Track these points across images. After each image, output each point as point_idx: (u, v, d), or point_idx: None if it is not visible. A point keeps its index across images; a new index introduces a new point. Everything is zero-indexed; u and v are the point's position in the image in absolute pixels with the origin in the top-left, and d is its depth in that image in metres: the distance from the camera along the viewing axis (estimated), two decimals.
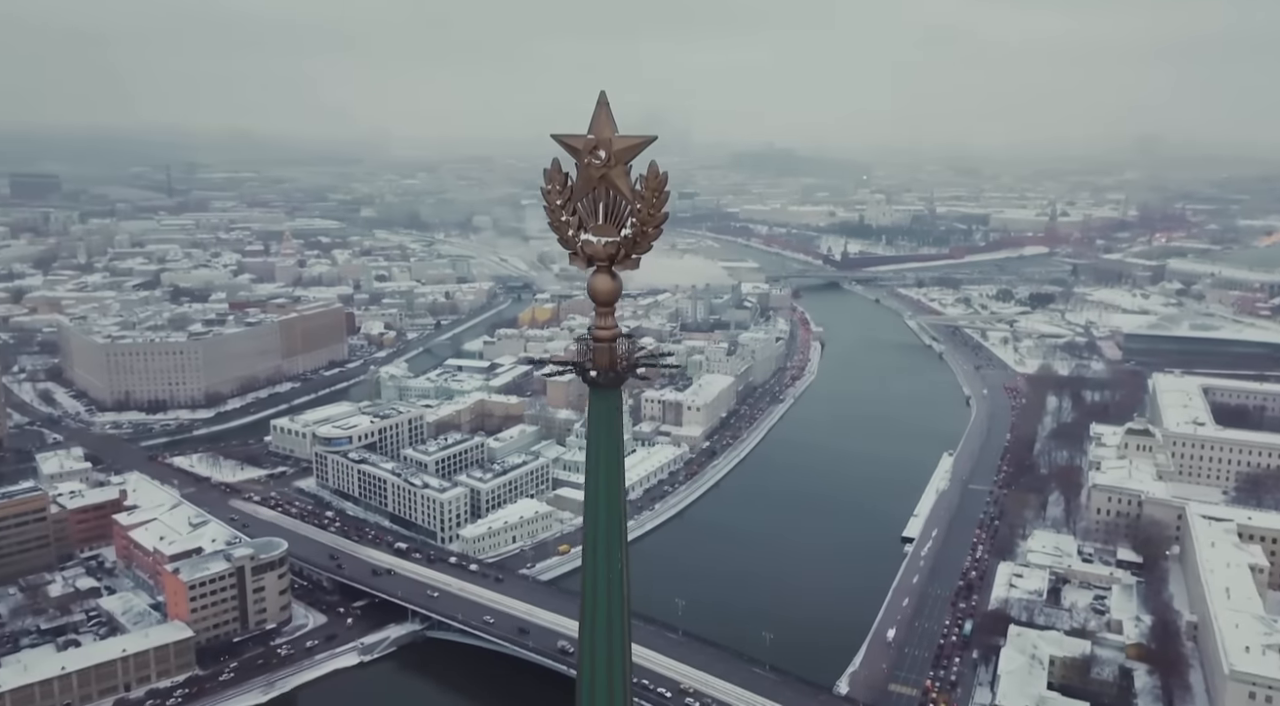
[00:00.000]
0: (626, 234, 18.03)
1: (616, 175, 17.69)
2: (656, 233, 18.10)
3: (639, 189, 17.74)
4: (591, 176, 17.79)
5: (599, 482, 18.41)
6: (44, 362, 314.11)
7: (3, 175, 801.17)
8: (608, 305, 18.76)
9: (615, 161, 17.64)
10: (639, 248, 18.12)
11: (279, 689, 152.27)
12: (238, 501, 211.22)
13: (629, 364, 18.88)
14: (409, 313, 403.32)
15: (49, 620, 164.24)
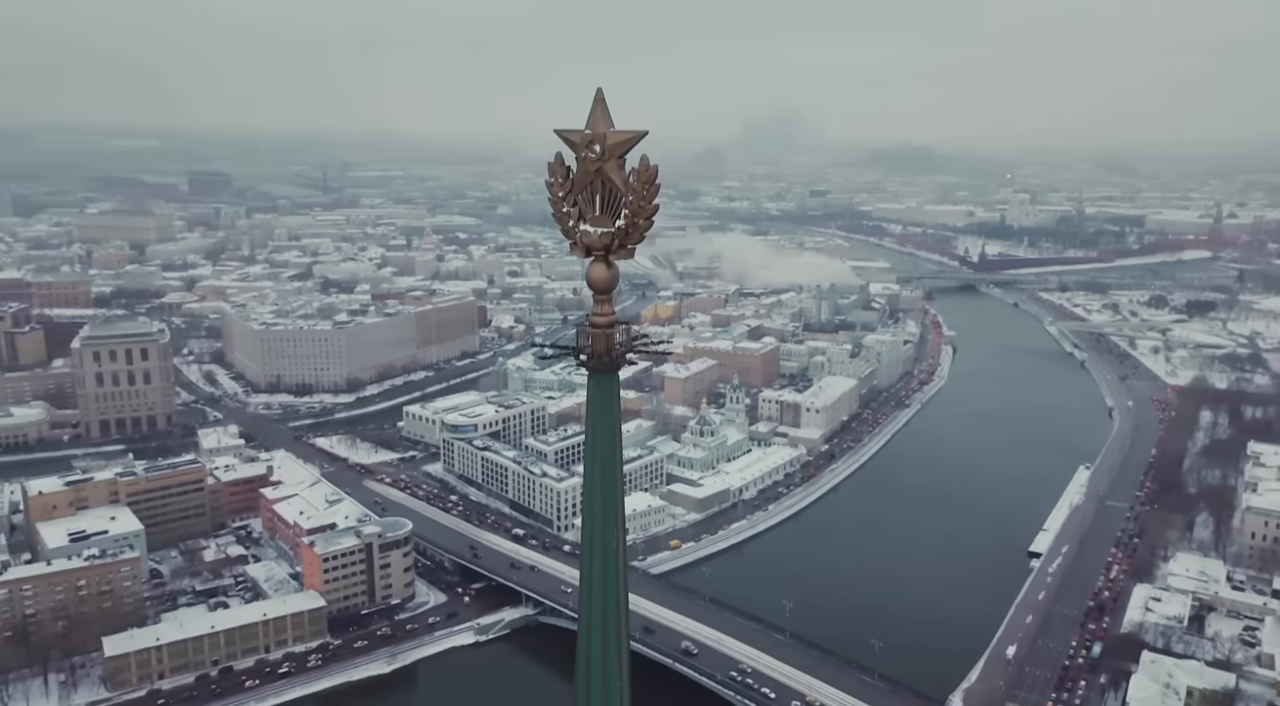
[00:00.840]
0: (620, 225, 19.00)
1: (611, 168, 18.68)
2: (647, 224, 19.01)
3: (632, 182, 18.72)
4: (588, 170, 18.83)
5: (596, 462, 19.49)
6: (209, 346, 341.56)
7: (183, 174, 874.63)
8: (605, 293, 19.81)
9: (609, 156, 18.63)
10: (631, 238, 19.08)
11: (400, 661, 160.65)
12: (371, 482, 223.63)
13: (625, 350, 19.89)
14: (538, 307, 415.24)
15: (203, 582, 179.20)
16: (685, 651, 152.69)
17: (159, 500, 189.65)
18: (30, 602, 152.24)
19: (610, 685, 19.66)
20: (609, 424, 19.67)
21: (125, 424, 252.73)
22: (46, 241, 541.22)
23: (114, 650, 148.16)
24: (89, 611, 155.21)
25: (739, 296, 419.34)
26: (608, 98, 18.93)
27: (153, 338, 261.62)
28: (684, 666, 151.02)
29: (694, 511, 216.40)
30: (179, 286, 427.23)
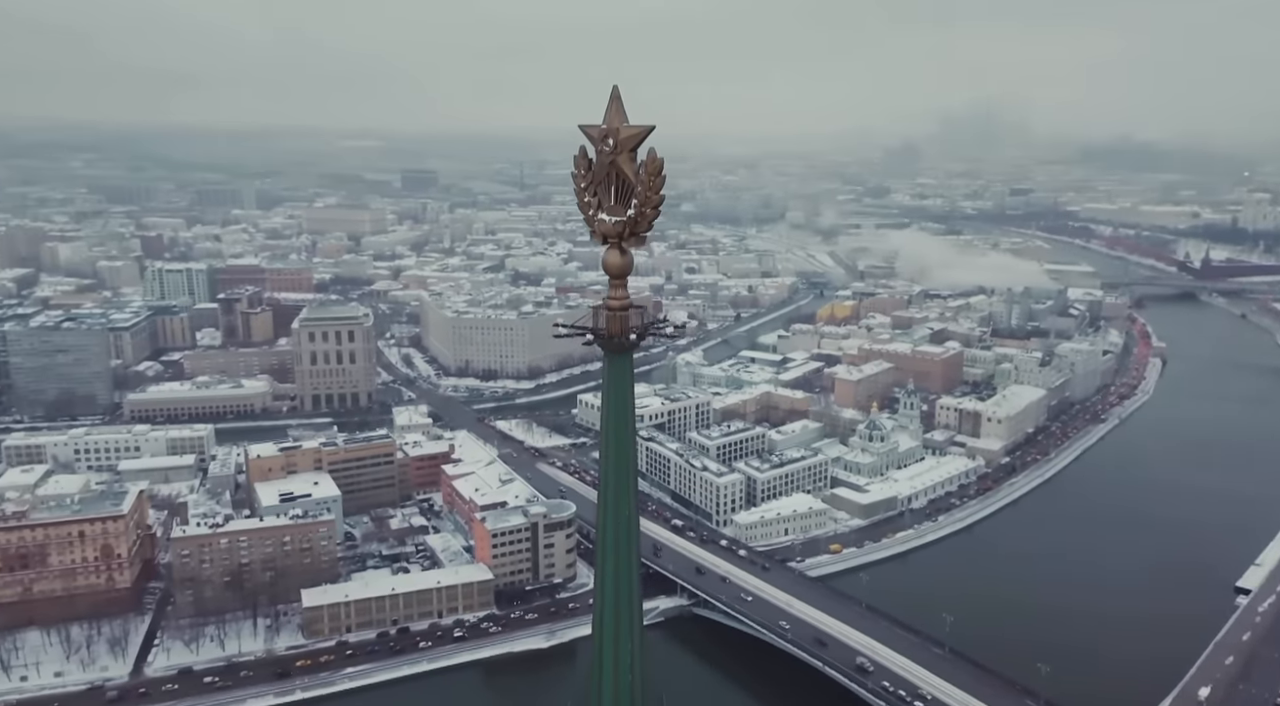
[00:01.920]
0: (630, 214, 20.33)
1: (623, 161, 20.07)
2: (655, 213, 20.30)
3: (641, 174, 20.01)
4: (604, 162, 20.26)
5: (611, 435, 21.22)
6: (409, 331, 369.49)
7: (396, 171, 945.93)
8: (620, 278, 21.21)
9: (621, 149, 20.00)
10: (640, 226, 20.44)
11: (559, 638, 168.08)
12: (543, 465, 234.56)
13: (639, 332, 21.29)
14: (712, 304, 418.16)
15: (389, 548, 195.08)
16: (860, 667, 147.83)
17: (355, 469, 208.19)
18: (245, 553, 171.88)
19: (622, 644, 21.44)
20: (623, 400, 21.36)
21: (333, 399, 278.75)
22: (281, 232, 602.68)
23: (310, 602, 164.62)
24: (292, 565, 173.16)
25: (923, 298, 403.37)
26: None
27: (359, 321, 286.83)
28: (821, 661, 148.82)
29: (858, 517, 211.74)
30: (387, 275, 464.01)
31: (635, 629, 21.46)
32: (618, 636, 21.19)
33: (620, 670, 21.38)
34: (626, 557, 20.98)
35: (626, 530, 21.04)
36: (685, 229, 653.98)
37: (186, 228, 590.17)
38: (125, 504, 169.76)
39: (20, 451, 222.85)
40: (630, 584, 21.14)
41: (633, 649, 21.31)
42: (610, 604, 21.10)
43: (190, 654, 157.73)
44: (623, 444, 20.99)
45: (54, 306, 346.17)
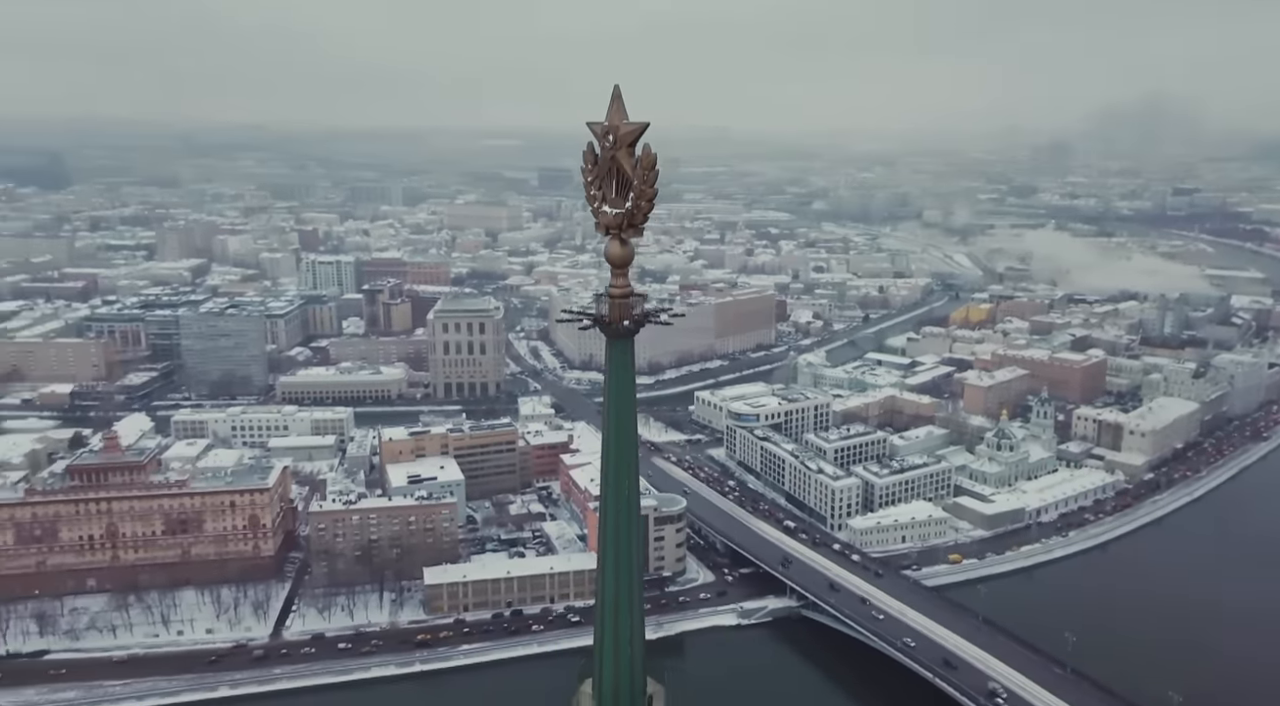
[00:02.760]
0: (628, 206, 21.53)
1: (622, 156, 21.26)
2: (649, 206, 21.40)
3: (637, 168, 21.17)
4: (606, 157, 21.50)
5: (613, 418, 22.62)
6: (537, 325, 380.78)
7: (533, 168, 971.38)
8: (621, 267, 22.38)
9: (620, 145, 21.19)
10: (635, 218, 21.56)
11: (665, 631, 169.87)
12: (658, 459, 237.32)
13: (639, 319, 22.55)
14: (839, 304, 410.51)
15: (507, 532, 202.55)
16: (991, 693, 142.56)
17: (479, 455, 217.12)
18: (375, 529, 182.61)
19: (621, 618, 22.87)
20: (625, 383, 22.79)
21: (464, 387, 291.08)
22: (424, 227, 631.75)
23: (432, 579, 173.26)
24: (416, 544, 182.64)
25: (1066, 303, 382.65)
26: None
27: (490, 314, 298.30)
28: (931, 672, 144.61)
29: (980, 528, 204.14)
30: (520, 270, 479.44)
31: (635, 601, 22.85)
32: (617, 609, 22.62)
33: (620, 643, 22.81)
34: (627, 532, 22.41)
35: (628, 506, 22.48)
36: (815, 227, 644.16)
37: (340, 222, 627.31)
38: (270, 478, 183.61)
39: (186, 426, 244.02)
40: (630, 558, 22.56)
41: (633, 622, 22.70)
42: (611, 578, 22.56)
43: (323, 621, 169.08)
44: (624, 423, 22.45)
45: (221, 294, 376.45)
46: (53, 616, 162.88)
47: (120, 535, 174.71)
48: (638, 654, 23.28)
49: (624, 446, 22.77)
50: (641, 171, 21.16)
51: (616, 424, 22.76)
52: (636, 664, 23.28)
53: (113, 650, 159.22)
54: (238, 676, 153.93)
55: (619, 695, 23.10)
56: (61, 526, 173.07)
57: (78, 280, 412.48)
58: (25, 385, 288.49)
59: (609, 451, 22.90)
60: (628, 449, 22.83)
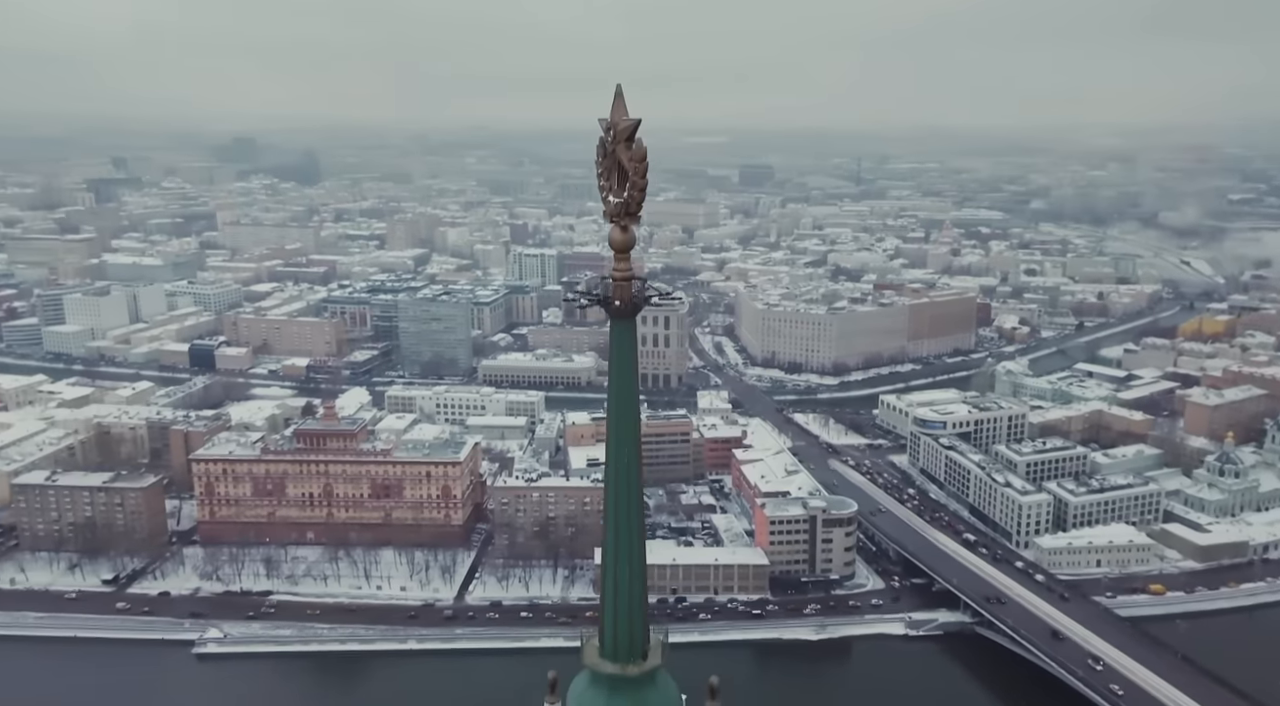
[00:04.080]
0: (625, 196, 23.46)
1: (621, 150, 23.11)
2: (641, 196, 23.18)
3: (631, 161, 22.99)
4: (608, 151, 23.44)
5: (616, 393, 24.77)
6: (723, 321, 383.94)
7: (735, 166, 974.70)
8: (623, 252, 24.27)
9: (618, 139, 23.08)
10: (631, 207, 23.43)
11: (828, 633, 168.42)
12: (835, 462, 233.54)
13: (641, 300, 24.51)
14: (1050, 310, 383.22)
15: (677, 521, 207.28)
16: None
17: (654, 444, 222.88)
18: (552, 507, 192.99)
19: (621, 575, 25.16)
20: (627, 361, 24.95)
21: (647, 378, 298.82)
22: None
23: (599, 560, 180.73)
24: (590, 524, 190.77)
25: None
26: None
27: (675, 308, 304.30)
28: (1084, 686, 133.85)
29: (1192, 558, 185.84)
30: (711, 266, 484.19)
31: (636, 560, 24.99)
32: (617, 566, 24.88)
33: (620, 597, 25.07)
34: (627, 496, 24.59)
35: (628, 471, 24.64)
36: (1031, 227, 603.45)
37: (548, 217, 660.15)
38: (462, 453, 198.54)
39: (398, 401, 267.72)
40: (630, 519, 24.70)
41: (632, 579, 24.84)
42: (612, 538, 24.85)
43: (501, 589, 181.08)
44: (625, 395, 24.60)
45: (438, 282, 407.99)
46: (277, 562, 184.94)
47: (334, 495, 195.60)
48: (637, 607, 25.48)
49: (626, 416, 24.97)
50: (634, 164, 23.08)
51: (618, 396, 24.97)
52: (636, 616, 25.49)
53: (323, 597, 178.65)
54: (424, 632, 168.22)
55: (618, 642, 25.42)
56: (288, 483, 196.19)
57: (320, 266, 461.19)
58: (272, 357, 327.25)
59: (612, 421, 25.15)
60: (629, 419, 25.00)
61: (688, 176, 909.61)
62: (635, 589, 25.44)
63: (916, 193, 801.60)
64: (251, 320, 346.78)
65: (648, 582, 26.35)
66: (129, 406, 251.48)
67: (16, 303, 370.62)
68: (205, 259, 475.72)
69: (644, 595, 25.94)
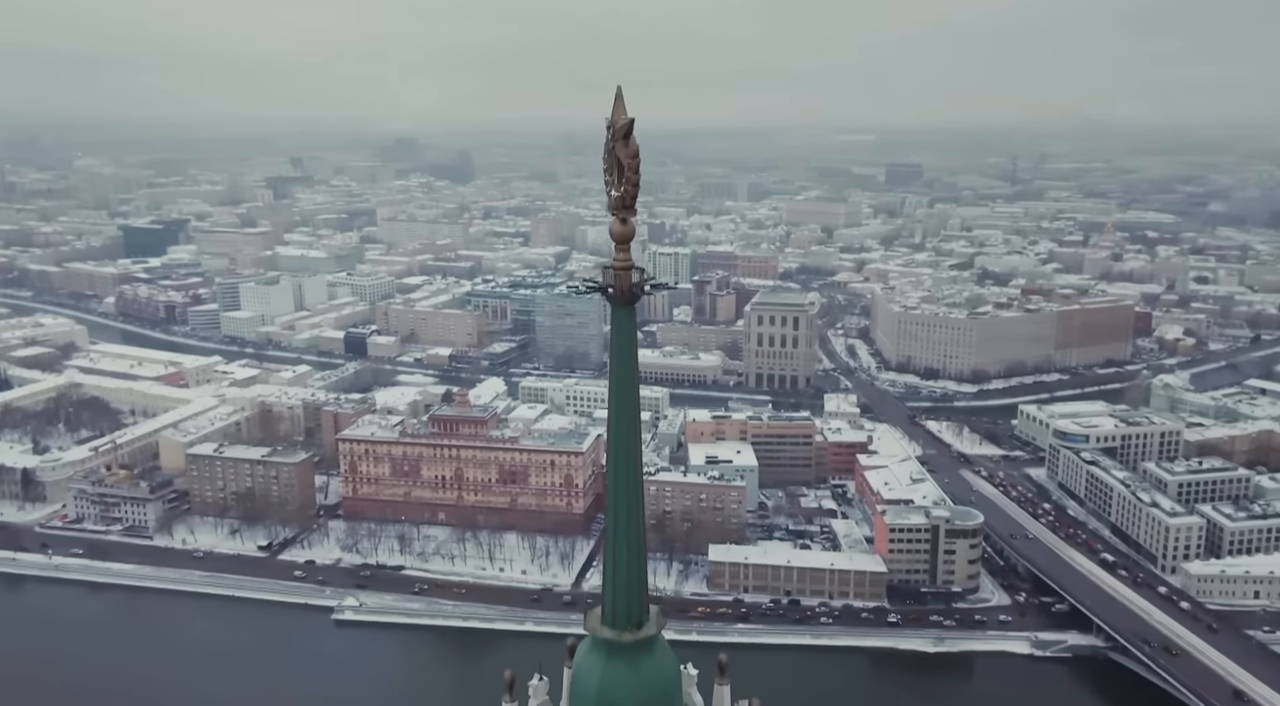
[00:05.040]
0: (623, 190, 24.98)
1: (619, 147, 24.65)
2: (635, 190, 24.61)
3: (625, 157, 24.47)
4: (609, 148, 24.97)
5: (618, 376, 26.34)
6: (858, 323, 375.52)
7: (882, 165, 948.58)
8: (623, 243, 25.70)
9: (616, 137, 24.62)
10: (627, 200, 24.90)
11: (947, 646, 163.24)
12: (966, 471, 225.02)
13: (640, 289, 25.94)
14: (1221, 321, 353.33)
15: (795, 523, 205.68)
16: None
17: (776, 445, 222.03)
18: (669, 502, 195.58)
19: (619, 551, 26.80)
20: (627, 347, 26.50)
21: (774, 379, 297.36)
22: (763, 223, 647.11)
23: (716, 556, 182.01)
24: (705, 520, 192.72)
25: None
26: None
27: (804, 309, 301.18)
28: None
29: None
30: (850, 267, 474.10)
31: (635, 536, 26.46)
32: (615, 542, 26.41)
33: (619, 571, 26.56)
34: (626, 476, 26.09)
35: (628, 454, 26.12)
36: (1207, 232, 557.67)
37: (686, 216, 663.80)
38: (585, 443, 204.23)
39: (531, 392, 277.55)
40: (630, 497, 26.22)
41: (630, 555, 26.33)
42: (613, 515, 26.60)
43: None
44: (626, 380, 26.17)
45: (575, 279, 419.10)
46: (410, 539, 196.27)
47: (465, 478, 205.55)
48: (635, 580, 27.07)
49: (626, 400, 26.54)
50: (629, 160, 24.69)
51: (618, 380, 26.58)
52: (634, 588, 27.10)
53: (450, 574, 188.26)
54: (542, 615, 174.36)
55: (616, 612, 27.09)
56: (423, 465, 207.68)
57: (467, 261, 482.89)
58: (418, 346, 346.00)
59: (613, 404, 26.77)
60: (629, 403, 26.56)
61: (830, 175, 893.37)
62: (634, 563, 27.03)
63: (1078, 193, 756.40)
64: (401, 311, 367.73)
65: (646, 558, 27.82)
66: (289, 387, 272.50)
67: (201, 290, 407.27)
68: (364, 252, 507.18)
69: (643, 569, 27.47)
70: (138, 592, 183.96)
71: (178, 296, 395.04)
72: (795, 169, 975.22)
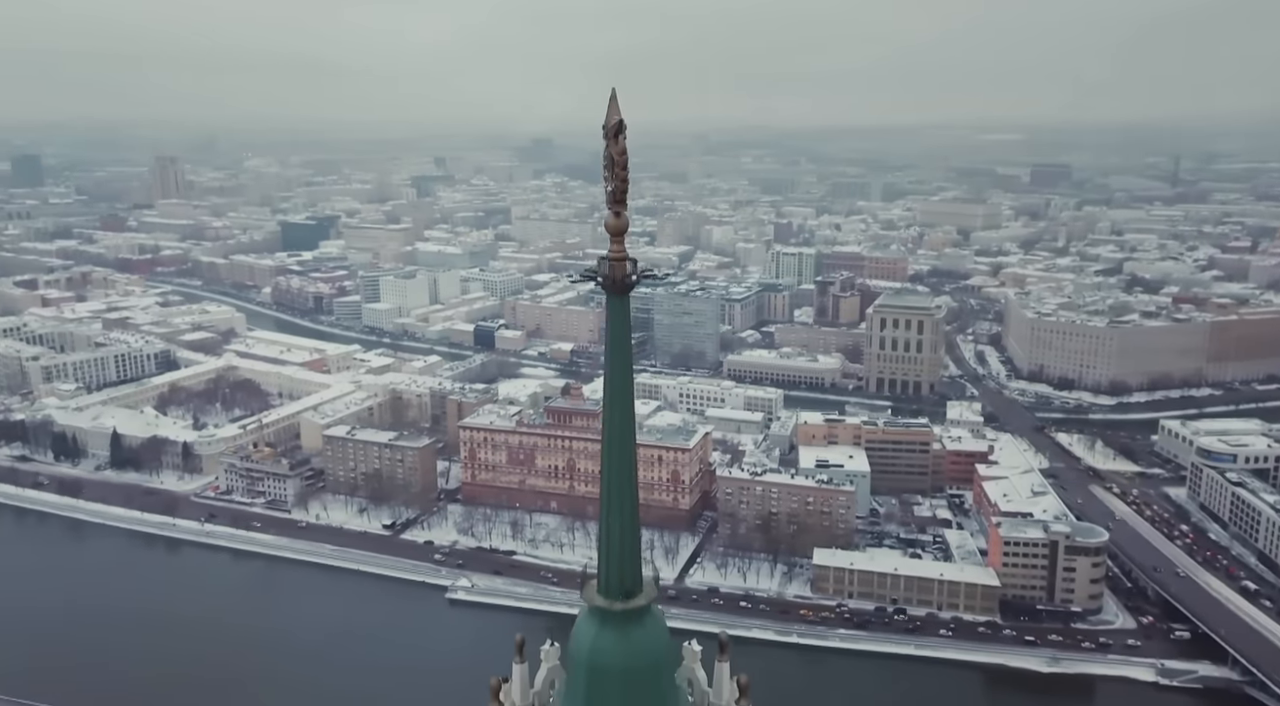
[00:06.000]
0: (616, 185, 26.84)
1: (612, 146, 26.51)
2: (624, 185, 26.35)
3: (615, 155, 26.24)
4: (606, 147, 26.80)
5: (612, 361, 28.03)
6: (989, 329, 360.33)
7: (1026, 165, 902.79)
8: (617, 235, 27.49)
9: (609, 136, 26.47)
10: (619, 195, 26.70)
11: (1062, 667, 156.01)
12: (1096, 488, 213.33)
13: (634, 278, 27.65)
14: None
15: (907, 532, 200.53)
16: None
17: (891, 451, 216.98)
18: (775, 503, 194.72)
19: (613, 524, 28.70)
20: (622, 332, 28.28)
21: (895, 384, 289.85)
22: (895, 223, 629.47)
23: (820, 560, 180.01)
24: (812, 524, 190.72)
25: None
26: None
27: (930, 312, 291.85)
28: None
29: None
30: (985, 271, 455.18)
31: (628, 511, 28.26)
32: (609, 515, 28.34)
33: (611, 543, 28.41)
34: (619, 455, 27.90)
35: (621, 434, 27.95)
36: None
37: (815, 216, 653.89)
38: (692, 441, 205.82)
39: (645, 388, 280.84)
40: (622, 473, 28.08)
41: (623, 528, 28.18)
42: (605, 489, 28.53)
43: (720, 577, 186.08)
44: (620, 365, 27.95)
45: (697, 278, 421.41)
46: (522, 526, 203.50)
47: (576, 469, 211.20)
48: (628, 554, 28.87)
49: (621, 381, 28.34)
50: (619, 157, 26.65)
51: (614, 364, 28.39)
52: (627, 561, 28.90)
53: (558, 562, 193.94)
54: None
55: (610, 583, 28.95)
56: (537, 455, 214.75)
57: (593, 259, 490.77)
58: (542, 341, 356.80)
59: (609, 387, 28.62)
60: (623, 386, 28.35)
61: (971, 175, 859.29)
62: (627, 538, 28.87)
63: (1248, 196, 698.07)
64: (528, 306, 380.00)
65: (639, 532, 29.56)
66: (419, 376, 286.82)
67: (346, 282, 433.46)
68: (498, 249, 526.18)
69: (635, 542, 29.27)
70: (275, 561, 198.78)
71: (325, 288, 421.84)
72: (934, 168, 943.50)
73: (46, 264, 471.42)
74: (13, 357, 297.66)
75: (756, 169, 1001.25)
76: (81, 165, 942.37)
